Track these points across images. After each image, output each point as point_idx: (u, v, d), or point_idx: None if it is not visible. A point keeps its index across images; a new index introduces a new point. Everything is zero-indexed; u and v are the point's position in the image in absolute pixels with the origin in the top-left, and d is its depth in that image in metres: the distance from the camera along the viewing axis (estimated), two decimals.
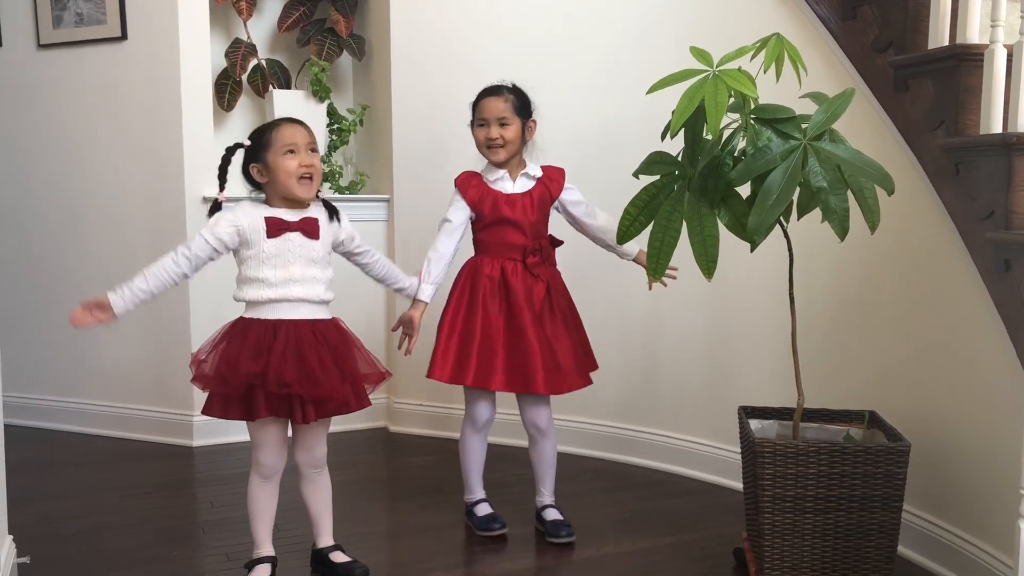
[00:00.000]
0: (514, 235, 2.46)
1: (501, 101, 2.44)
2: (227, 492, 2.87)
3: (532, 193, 2.47)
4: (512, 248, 2.46)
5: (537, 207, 2.47)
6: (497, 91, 2.47)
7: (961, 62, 2.15)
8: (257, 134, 2.17)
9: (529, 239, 2.46)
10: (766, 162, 1.96)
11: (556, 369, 2.43)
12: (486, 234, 2.49)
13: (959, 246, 2.16)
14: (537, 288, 2.46)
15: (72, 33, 3.45)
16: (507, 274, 2.45)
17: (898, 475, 2.03)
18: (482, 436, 2.55)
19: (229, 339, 2.11)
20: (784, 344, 2.26)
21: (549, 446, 2.55)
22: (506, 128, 2.43)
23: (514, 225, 2.45)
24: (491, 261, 2.47)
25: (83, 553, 2.43)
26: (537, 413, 2.51)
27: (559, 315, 2.48)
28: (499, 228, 2.46)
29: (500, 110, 2.43)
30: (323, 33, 3.64)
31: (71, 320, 2.08)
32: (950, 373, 2.24)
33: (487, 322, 2.43)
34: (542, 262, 2.48)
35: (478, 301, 2.44)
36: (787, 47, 2.02)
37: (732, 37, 2.24)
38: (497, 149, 2.44)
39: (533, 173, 2.49)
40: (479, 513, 2.54)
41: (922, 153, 2.27)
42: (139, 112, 3.38)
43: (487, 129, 2.44)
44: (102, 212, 3.49)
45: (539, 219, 2.49)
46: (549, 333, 2.44)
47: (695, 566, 2.34)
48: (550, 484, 2.58)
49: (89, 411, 3.56)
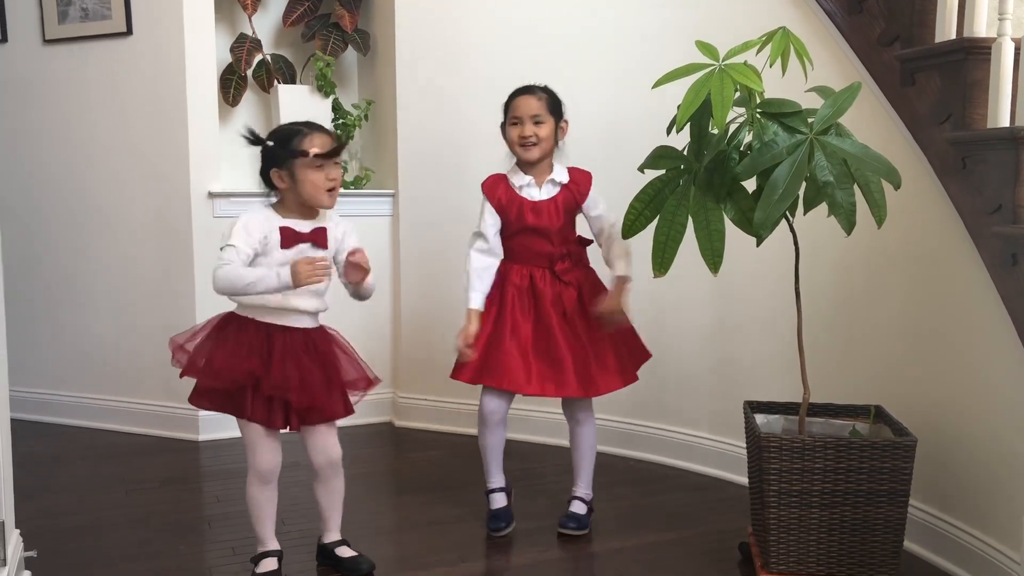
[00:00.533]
0: (540, 243, 2.44)
1: (535, 99, 2.42)
2: (232, 486, 2.88)
3: (557, 199, 2.45)
4: (540, 256, 2.45)
5: (563, 213, 2.45)
6: (531, 90, 2.45)
7: (968, 55, 2.14)
8: (284, 139, 2.09)
9: (556, 246, 2.45)
10: (772, 156, 1.95)
11: (589, 372, 2.41)
12: (513, 242, 2.48)
13: (966, 240, 2.15)
14: (567, 293, 2.44)
15: (77, 28, 3.45)
16: (535, 281, 2.44)
17: (904, 470, 2.03)
18: (496, 427, 2.50)
19: (220, 333, 2.11)
20: (790, 339, 2.25)
21: (586, 432, 2.54)
22: (540, 126, 2.42)
23: (540, 234, 2.44)
24: (520, 269, 2.46)
25: (89, 547, 2.44)
26: (577, 405, 2.52)
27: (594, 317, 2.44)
28: (525, 236, 2.45)
29: (534, 107, 2.42)
30: (328, 28, 3.63)
31: (304, 275, 1.99)
32: (956, 368, 2.23)
33: (516, 330, 2.42)
34: (572, 267, 2.47)
35: (507, 309, 2.43)
36: (793, 41, 2.01)
37: (738, 31, 2.23)
38: (531, 147, 2.42)
39: (559, 179, 2.46)
40: (492, 505, 2.53)
41: (929, 147, 2.26)
42: (144, 108, 3.38)
43: (521, 127, 2.42)
44: (107, 207, 3.49)
45: (566, 225, 2.47)
46: (584, 337, 2.42)
47: (700, 561, 2.34)
48: (583, 475, 2.57)
49: (95, 406, 3.57)
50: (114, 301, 3.51)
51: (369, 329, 3.47)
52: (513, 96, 2.46)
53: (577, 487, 2.58)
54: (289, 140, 2.08)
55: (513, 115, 2.44)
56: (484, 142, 2.53)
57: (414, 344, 3.55)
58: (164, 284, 3.41)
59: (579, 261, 2.51)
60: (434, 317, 3.41)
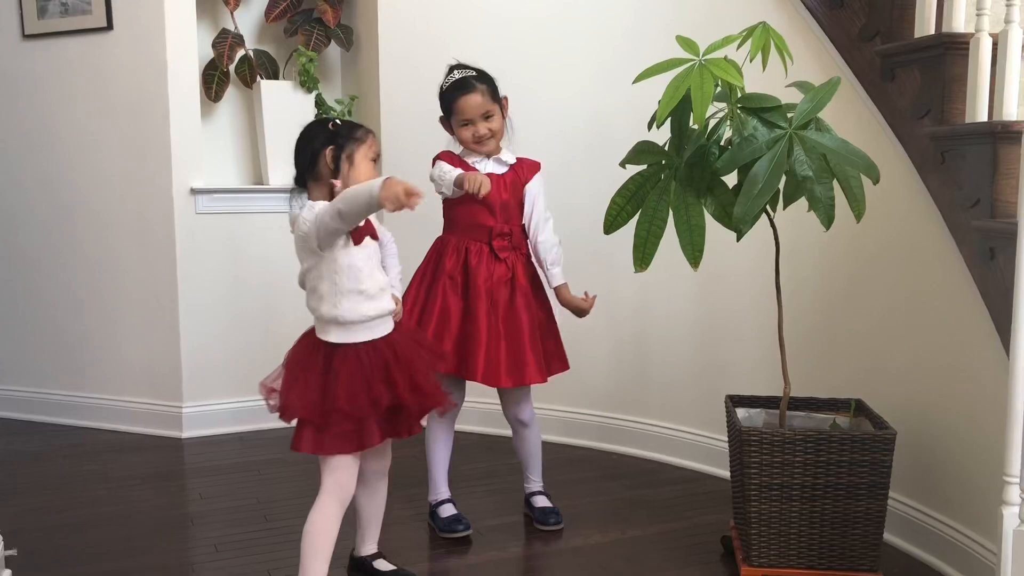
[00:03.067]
0: (483, 216, 2.41)
1: (479, 96, 2.38)
2: (216, 483, 2.87)
3: (506, 177, 2.45)
4: (479, 229, 2.42)
5: (510, 189, 2.44)
6: (471, 86, 2.39)
7: (947, 51, 2.15)
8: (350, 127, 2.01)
9: (499, 221, 2.43)
10: (752, 151, 1.96)
11: (499, 362, 2.38)
12: (456, 212, 2.45)
13: (945, 235, 2.17)
14: (499, 271, 2.41)
15: (57, 23, 3.42)
16: (470, 255, 2.41)
17: (884, 463, 2.04)
18: (447, 426, 2.50)
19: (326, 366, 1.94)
20: (771, 333, 2.26)
21: (532, 436, 2.55)
22: (491, 120, 2.41)
23: (484, 205, 2.39)
24: (456, 241, 2.44)
25: (71, 545, 2.43)
26: (520, 408, 2.51)
27: (522, 303, 2.42)
28: (469, 207, 2.40)
29: (481, 105, 2.39)
30: (311, 23, 3.62)
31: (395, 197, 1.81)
32: (936, 361, 2.25)
33: (444, 305, 2.40)
34: (510, 247, 2.44)
35: (439, 283, 2.41)
36: (773, 36, 2.02)
37: (719, 26, 2.23)
38: (487, 141, 2.42)
39: (506, 159, 2.46)
40: (443, 514, 2.48)
41: (908, 142, 2.27)
42: (125, 103, 3.36)
43: (474, 127, 2.40)
44: (89, 204, 3.47)
45: (511, 201, 2.44)
46: (504, 322, 2.40)
47: (683, 554, 2.35)
48: (537, 471, 2.59)
49: (78, 403, 3.55)
50: (96, 297, 3.49)
51: None
52: (455, 97, 2.39)
53: (533, 482, 2.59)
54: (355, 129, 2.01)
55: (462, 117, 2.39)
56: None
57: None
58: (146, 280, 3.39)
59: (518, 247, 2.46)
60: None
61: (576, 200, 2.91)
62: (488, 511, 2.62)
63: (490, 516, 2.59)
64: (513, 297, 2.43)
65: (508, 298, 2.42)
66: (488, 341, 2.37)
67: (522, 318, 2.42)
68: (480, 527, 2.50)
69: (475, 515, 2.53)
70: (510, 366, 2.39)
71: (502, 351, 2.39)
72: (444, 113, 2.46)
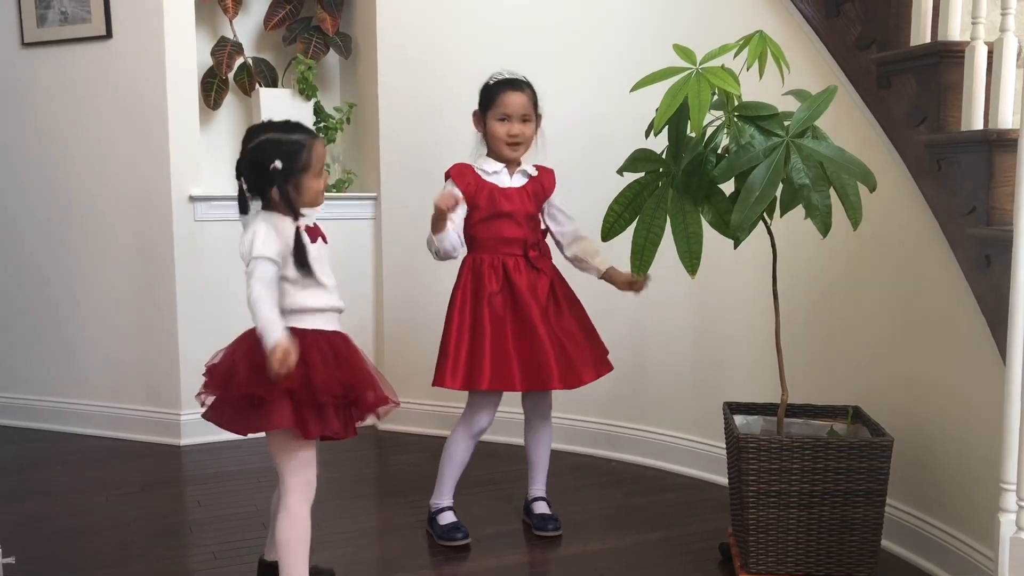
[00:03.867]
0: (512, 229, 2.41)
1: (525, 97, 2.39)
2: (214, 491, 2.87)
3: (527, 188, 2.44)
4: (511, 243, 2.41)
5: (533, 201, 2.44)
6: (520, 86, 2.40)
7: (943, 59, 2.16)
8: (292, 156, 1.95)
9: (528, 232, 2.43)
10: (749, 159, 1.97)
11: (570, 363, 2.39)
12: (482, 229, 2.42)
13: (941, 242, 2.18)
14: (541, 282, 2.42)
15: (56, 32, 3.44)
16: (509, 270, 2.39)
17: (881, 470, 2.05)
18: (473, 444, 2.50)
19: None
20: (768, 340, 2.27)
21: (547, 432, 2.55)
22: (527, 124, 2.40)
23: (512, 219, 2.40)
24: (491, 258, 2.41)
25: (70, 553, 2.42)
26: (542, 399, 2.51)
27: (565, 306, 2.44)
28: (496, 222, 2.40)
29: (524, 106, 2.39)
30: (310, 31, 3.63)
31: None
32: (932, 368, 2.26)
33: (495, 322, 2.37)
34: (542, 255, 2.46)
35: (483, 301, 2.38)
36: (770, 44, 2.03)
37: (716, 35, 2.24)
38: (518, 146, 2.41)
39: (529, 171, 2.46)
40: (442, 521, 2.48)
41: (904, 150, 2.28)
42: (125, 111, 3.37)
43: (509, 124, 2.38)
44: (88, 211, 3.47)
45: (535, 213, 2.46)
46: (557, 327, 2.41)
47: (681, 561, 2.35)
48: (542, 475, 2.58)
49: (76, 410, 3.55)
50: (94, 304, 3.49)
51: (351, 332, 3.46)
52: (502, 90, 2.40)
53: (536, 487, 2.59)
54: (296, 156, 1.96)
55: (503, 111, 2.38)
56: (465, 145, 2.54)
57: (396, 347, 3.55)
58: (145, 287, 3.40)
59: (546, 252, 2.49)
60: (416, 320, 3.41)
61: (574, 207, 2.89)
62: (487, 518, 2.62)
63: (489, 523, 2.59)
64: (559, 304, 2.44)
65: (556, 306, 2.44)
66: (553, 347, 2.38)
67: (572, 321, 2.45)
68: (479, 535, 2.50)
69: (474, 522, 2.53)
70: (581, 364, 2.41)
71: (569, 353, 2.40)
72: (482, 107, 2.44)
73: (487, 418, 2.46)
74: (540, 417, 2.54)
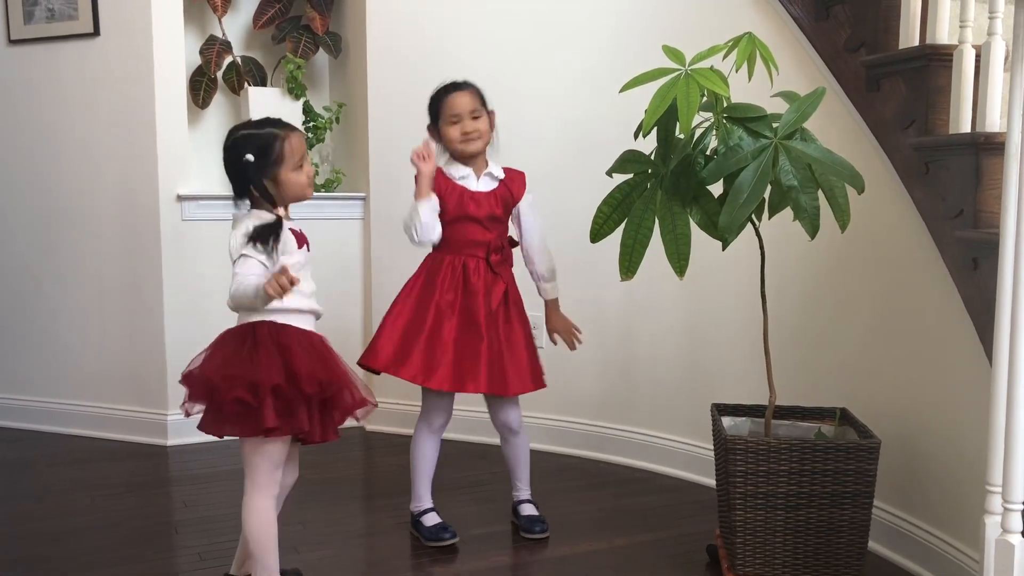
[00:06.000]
0: (478, 232, 2.44)
1: (468, 95, 2.43)
2: (201, 492, 2.86)
3: (496, 193, 2.46)
4: (475, 245, 2.44)
5: (501, 205, 2.46)
6: (461, 87, 2.45)
7: (931, 62, 2.17)
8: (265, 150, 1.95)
9: (493, 236, 2.45)
10: (737, 161, 1.97)
11: (501, 370, 2.41)
12: (449, 231, 2.44)
13: (929, 244, 2.18)
14: (497, 287, 2.44)
15: (43, 29, 3.41)
16: (468, 271, 2.42)
17: (868, 471, 2.05)
18: (436, 439, 2.51)
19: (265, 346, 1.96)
20: (756, 342, 2.27)
21: (521, 442, 2.56)
22: (479, 120, 2.43)
23: (478, 222, 2.43)
24: (452, 258, 2.44)
25: (55, 554, 2.40)
26: (508, 414, 2.51)
27: (515, 316, 2.47)
28: (462, 225, 2.43)
29: (470, 103, 2.42)
30: (299, 30, 3.62)
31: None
32: (920, 370, 2.26)
33: (438, 317, 2.40)
34: (503, 261, 2.47)
35: (433, 295, 2.41)
36: (759, 46, 2.03)
37: (705, 36, 2.24)
38: (474, 140, 2.43)
39: (496, 174, 2.48)
40: (428, 523, 2.48)
41: (893, 152, 2.28)
42: (112, 109, 3.35)
43: (461, 124, 2.42)
44: (74, 210, 3.45)
45: (502, 217, 2.48)
46: (503, 334, 2.43)
47: (669, 563, 2.35)
48: (525, 478, 2.59)
49: (62, 410, 3.53)
50: (81, 304, 3.48)
51: (338, 331, 3.45)
52: (446, 94, 2.44)
53: (521, 490, 2.59)
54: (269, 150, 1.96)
55: (451, 114, 2.42)
56: None
57: None
58: (132, 287, 3.38)
59: (508, 260, 2.50)
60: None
61: (562, 209, 2.91)
62: (473, 520, 2.61)
63: (475, 525, 2.58)
64: (508, 311, 2.46)
65: (505, 312, 2.46)
66: (490, 353, 2.40)
67: (518, 330, 2.47)
68: (465, 536, 2.49)
69: (460, 524, 2.52)
70: (514, 374, 2.43)
71: (505, 361, 2.42)
72: (432, 118, 2.47)
73: (443, 413, 2.48)
74: (510, 433, 2.54)
